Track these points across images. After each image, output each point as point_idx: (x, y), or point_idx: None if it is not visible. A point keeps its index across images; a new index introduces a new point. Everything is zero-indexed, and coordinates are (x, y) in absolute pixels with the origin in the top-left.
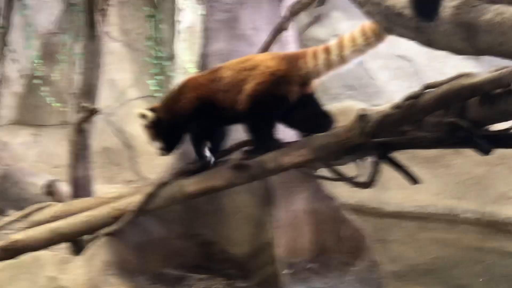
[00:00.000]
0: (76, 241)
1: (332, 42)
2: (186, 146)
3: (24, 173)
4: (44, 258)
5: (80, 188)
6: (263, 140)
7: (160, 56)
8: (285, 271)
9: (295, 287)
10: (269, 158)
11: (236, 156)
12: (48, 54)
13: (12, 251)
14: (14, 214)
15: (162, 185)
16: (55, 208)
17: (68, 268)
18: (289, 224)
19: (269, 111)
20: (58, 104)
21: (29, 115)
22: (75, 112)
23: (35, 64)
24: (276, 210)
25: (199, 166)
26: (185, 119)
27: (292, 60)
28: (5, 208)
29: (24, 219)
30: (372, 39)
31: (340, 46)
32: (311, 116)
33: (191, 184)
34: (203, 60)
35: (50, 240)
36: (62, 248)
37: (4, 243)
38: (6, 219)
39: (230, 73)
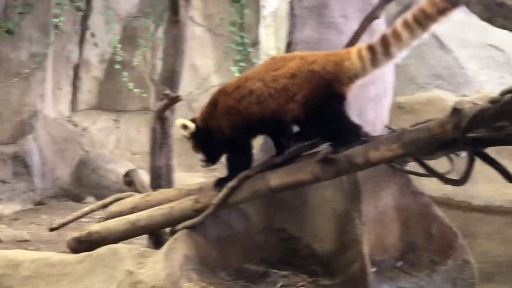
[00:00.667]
0: (155, 234)
1: (376, 40)
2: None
3: (103, 160)
4: (122, 252)
5: (161, 177)
6: (343, 138)
7: (243, 42)
8: (371, 270)
9: (381, 287)
10: (358, 153)
11: (323, 149)
12: (129, 38)
13: (88, 243)
14: (93, 204)
15: (245, 178)
16: (135, 199)
17: (146, 263)
18: (377, 220)
19: (334, 114)
20: (138, 90)
21: (108, 100)
22: (157, 99)
23: (115, 49)
24: (363, 206)
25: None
26: (222, 141)
27: (338, 61)
28: (83, 195)
29: (102, 210)
30: (417, 31)
31: (385, 43)
32: None
33: (275, 178)
34: (289, 49)
35: (128, 233)
36: (141, 239)
37: (80, 235)
38: (85, 209)
39: (260, 84)
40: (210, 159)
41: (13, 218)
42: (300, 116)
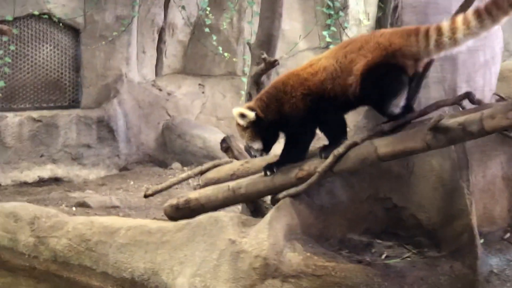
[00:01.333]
0: (253, 202)
1: (445, 22)
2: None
3: (188, 125)
4: (223, 220)
5: None
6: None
7: (333, 6)
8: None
9: (489, 259)
10: (472, 120)
11: (436, 116)
12: (215, 1)
13: (186, 210)
14: (189, 170)
15: (352, 145)
16: (234, 165)
17: (249, 232)
18: (484, 190)
19: (389, 81)
20: (227, 54)
21: (193, 64)
22: (253, 63)
23: (205, 12)
24: (471, 175)
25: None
26: (299, 118)
27: (405, 35)
28: (168, 161)
29: (199, 176)
30: (487, 22)
31: (453, 28)
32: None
33: (384, 146)
34: (395, 13)
35: (228, 200)
36: (234, 207)
37: (178, 201)
38: (182, 175)
39: (333, 61)
40: (266, 148)
41: (100, 184)
42: (356, 90)
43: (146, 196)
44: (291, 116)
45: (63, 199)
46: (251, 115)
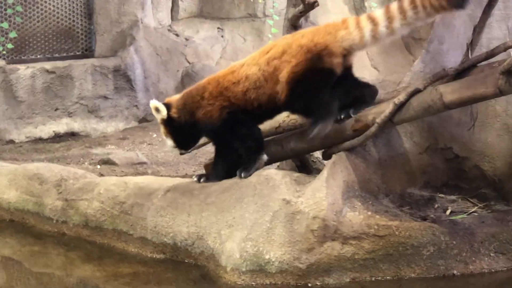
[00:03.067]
0: (301, 156)
1: (378, 12)
2: (439, 46)
3: (210, 72)
4: (275, 178)
5: None
6: (323, 117)
7: None
8: None
9: None
10: None
11: (508, 59)
12: None
13: None
14: None
15: (415, 92)
16: (278, 117)
17: (304, 190)
18: None
19: (317, 88)
20: None
21: (210, 7)
22: (290, 5)
23: None
24: None
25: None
26: (212, 128)
27: (332, 31)
28: None
29: None
30: (422, 15)
31: (389, 17)
32: (351, 89)
33: (450, 92)
34: None
35: (275, 156)
36: None
37: None
38: None
39: (255, 69)
40: (182, 147)
41: (120, 138)
42: (283, 97)
43: (182, 153)
44: (204, 123)
45: (85, 156)
46: (162, 113)
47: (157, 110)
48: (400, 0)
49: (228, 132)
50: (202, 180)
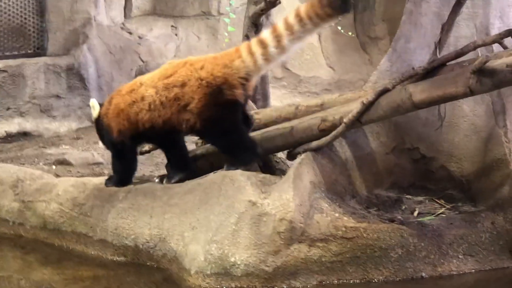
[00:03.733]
0: (266, 158)
1: (265, 33)
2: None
3: None
4: (240, 179)
5: (255, 90)
6: (240, 156)
7: None
8: None
9: None
10: None
11: (480, 57)
12: None
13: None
14: None
15: (384, 91)
16: None
17: (270, 192)
18: None
19: (227, 122)
20: None
21: (164, 5)
22: (251, 3)
23: None
24: (508, 121)
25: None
26: (110, 141)
27: (227, 63)
28: None
29: None
30: (309, 26)
31: (277, 35)
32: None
33: (420, 91)
34: None
35: None
36: None
37: None
38: None
39: (153, 92)
40: (109, 148)
41: (74, 138)
42: (197, 127)
43: (141, 153)
44: (107, 133)
45: (39, 156)
46: (95, 112)
47: (93, 107)
48: (286, 16)
49: (114, 151)
50: (164, 181)
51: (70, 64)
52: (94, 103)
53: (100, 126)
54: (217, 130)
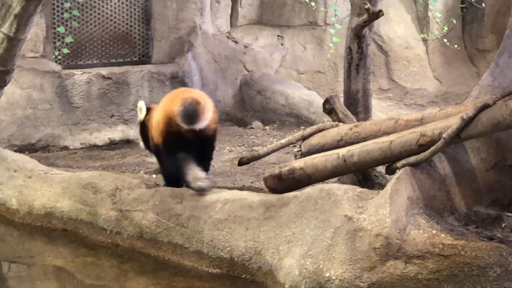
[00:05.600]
0: (365, 171)
1: None
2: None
3: (268, 80)
4: (337, 193)
5: (357, 103)
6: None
7: None
8: None
9: None
10: None
11: None
12: None
13: (290, 181)
14: (290, 136)
15: (484, 107)
16: (341, 130)
17: (367, 206)
18: None
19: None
20: (313, 3)
21: (270, 14)
22: (354, 14)
23: None
24: None
25: None
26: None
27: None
28: (248, 119)
29: (302, 142)
30: None
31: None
32: None
33: None
34: None
35: (338, 170)
36: None
37: (281, 171)
38: (282, 141)
39: (154, 114)
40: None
41: None
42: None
43: (240, 164)
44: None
45: (140, 164)
46: (140, 116)
47: (141, 111)
48: None
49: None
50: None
51: (175, 72)
52: (142, 106)
53: (142, 129)
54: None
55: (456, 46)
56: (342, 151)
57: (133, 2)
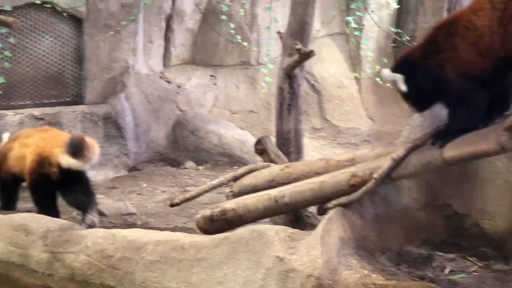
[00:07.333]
0: (296, 212)
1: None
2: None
3: (202, 120)
4: (268, 234)
5: (289, 143)
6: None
7: None
8: None
9: None
10: None
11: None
12: None
13: (221, 222)
14: (222, 177)
15: (415, 147)
16: (273, 170)
17: (299, 247)
18: None
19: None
20: (245, 43)
21: (204, 54)
22: (286, 55)
23: None
24: None
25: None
26: None
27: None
28: (181, 159)
29: (234, 183)
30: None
31: None
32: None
33: (451, 148)
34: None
35: (269, 211)
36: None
37: (212, 212)
38: (213, 182)
39: (17, 145)
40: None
41: (109, 187)
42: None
43: (172, 205)
44: None
45: None
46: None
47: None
48: None
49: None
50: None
51: (108, 113)
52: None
53: None
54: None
55: (388, 85)
56: (273, 192)
57: (65, 43)
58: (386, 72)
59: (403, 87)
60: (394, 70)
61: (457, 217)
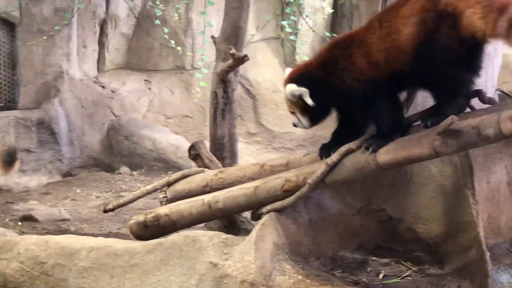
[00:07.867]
0: (231, 217)
1: None
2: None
3: (136, 125)
4: (202, 240)
5: (223, 148)
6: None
7: None
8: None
9: (500, 276)
10: (488, 123)
11: (446, 119)
12: None
13: (155, 228)
14: (155, 182)
15: (348, 152)
16: (206, 176)
17: (232, 253)
18: (489, 198)
19: None
20: (179, 48)
21: (138, 59)
22: (219, 59)
23: (152, 2)
24: (476, 182)
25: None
26: None
27: None
28: (116, 164)
29: (167, 188)
30: None
31: None
32: None
33: (384, 153)
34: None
35: (203, 216)
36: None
37: (146, 218)
38: (147, 187)
39: None
40: None
41: (43, 192)
42: None
43: (106, 211)
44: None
45: (5, 211)
46: None
47: None
48: None
49: None
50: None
51: (41, 118)
52: None
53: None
54: None
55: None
56: (207, 197)
57: None
58: (293, 86)
59: (309, 101)
60: (298, 84)
61: (391, 222)
